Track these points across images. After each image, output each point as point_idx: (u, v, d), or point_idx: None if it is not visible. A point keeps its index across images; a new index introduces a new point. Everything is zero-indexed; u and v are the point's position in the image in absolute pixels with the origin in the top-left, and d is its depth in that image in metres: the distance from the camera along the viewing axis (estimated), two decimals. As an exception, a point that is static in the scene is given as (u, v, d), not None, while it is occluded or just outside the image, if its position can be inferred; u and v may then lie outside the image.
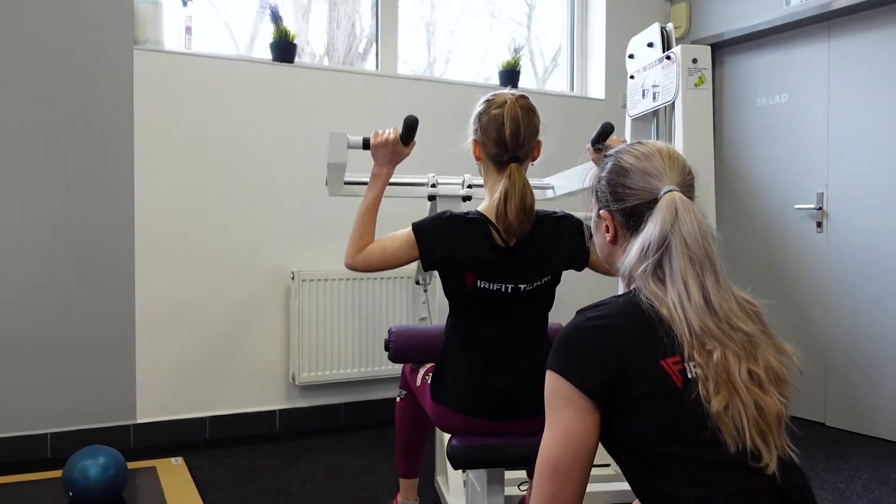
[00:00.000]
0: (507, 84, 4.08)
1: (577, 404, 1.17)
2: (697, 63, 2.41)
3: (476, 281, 1.85)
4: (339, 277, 3.50)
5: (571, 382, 1.17)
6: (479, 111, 1.92)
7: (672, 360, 1.16)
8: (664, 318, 1.18)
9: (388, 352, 2.26)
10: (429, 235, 1.89)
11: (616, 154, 1.37)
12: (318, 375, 3.46)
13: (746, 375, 1.15)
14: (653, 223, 1.25)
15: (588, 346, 1.20)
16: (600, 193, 1.37)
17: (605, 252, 1.42)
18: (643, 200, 1.29)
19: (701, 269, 1.21)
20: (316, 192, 3.52)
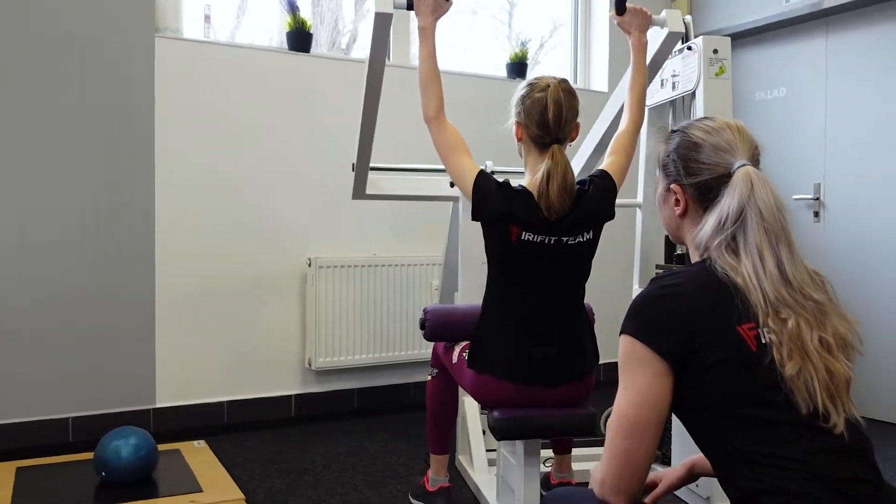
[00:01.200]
0: (516, 76, 4.16)
1: (653, 366, 1.23)
2: (718, 53, 2.51)
3: (521, 233, 1.92)
4: (355, 265, 3.55)
5: (647, 345, 1.23)
6: (522, 94, 1.99)
7: (748, 326, 1.22)
8: (739, 286, 1.24)
9: (424, 331, 2.33)
10: (485, 187, 1.96)
11: (684, 129, 1.42)
12: (333, 361, 3.51)
13: (818, 342, 1.21)
14: (730, 196, 1.29)
15: (662, 311, 1.25)
16: (670, 168, 1.42)
17: (672, 225, 1.46)
18: (716, 175, 1.34)
19: (776, 240, 1.27)
20: (332, 179, 3.59)
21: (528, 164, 2.03)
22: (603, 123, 2.76)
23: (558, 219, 1.94)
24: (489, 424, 2.02)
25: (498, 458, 2.35)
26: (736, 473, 1.22)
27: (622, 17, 2.27)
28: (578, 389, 2.06)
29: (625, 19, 2.27)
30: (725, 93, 2.52)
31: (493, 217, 1.95)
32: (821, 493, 1.14)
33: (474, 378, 2.05)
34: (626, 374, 1.27)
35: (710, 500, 2.44)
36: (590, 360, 2.08)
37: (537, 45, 4.55)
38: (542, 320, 1.99)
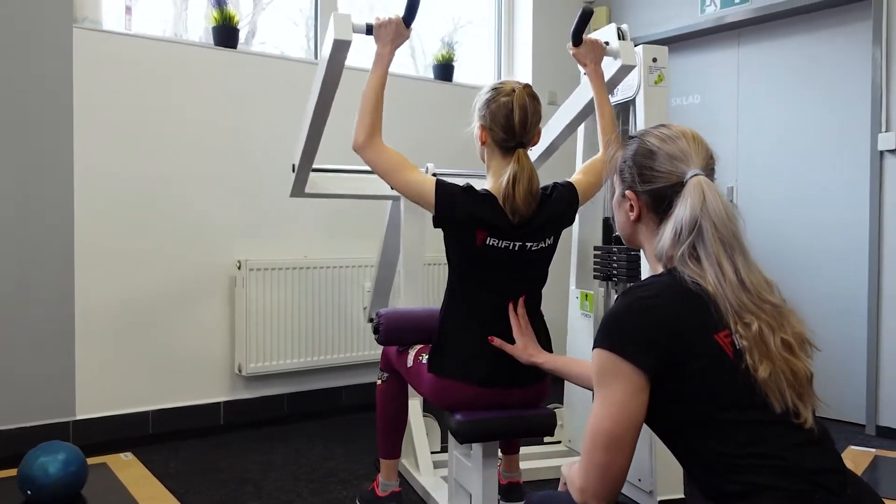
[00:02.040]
0: (442, 78, 4.18)
1: (631, 380, 1.24)
2: (657, 62, 2.60)
3: (487, 238, 1.93)
4: (287, 267, 3.47)
5: (627, 359, 1.23)
6: (487, 98, 2.00)
7: (723, 333, 1.26)
8: (711, 294, 1.28)
9: (377, 335, 2.30)
10: (449, 193, 1.96)
11: (641, 136, 1.44)
12: (263, 366, 3.42)
13: (780, 343, 1.27)
14: (682, 206, 1.31)
15: (641, 324, 1.26)
16: (625, 174, 1.44)
17: (627, 230, 1.49)
18: (669, 183, 1.35)
19: (731, 248, 1.30)
20: (263, 178, 3.49)
21: (491, 168, 2.04)
22: (550, 133, 2.80)
23: (522, 222, 1.96)
24: (451, 428, 2.02)
25: (450, 460, 2.35)
26: (714, 474, 1.26)
27: (577, 48, 2.30)
28: (537, 391, 2.09)
29: (580, 51, 2.30)
30: (664, 101, 2.61)
31: (460, 221, 1.95)
32: (798, 486, 1.20)
33: (435, 382, 2.05)
34: (604, 388, 1.27)
35: (653, 494, 2.53)
36: None
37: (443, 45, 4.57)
38: (503, 323, 2.01)
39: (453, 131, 4.17)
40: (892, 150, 3.38)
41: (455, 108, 4.13)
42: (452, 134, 4.18)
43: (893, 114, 3.39)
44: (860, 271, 3.55)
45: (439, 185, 1.98)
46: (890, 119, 3.40)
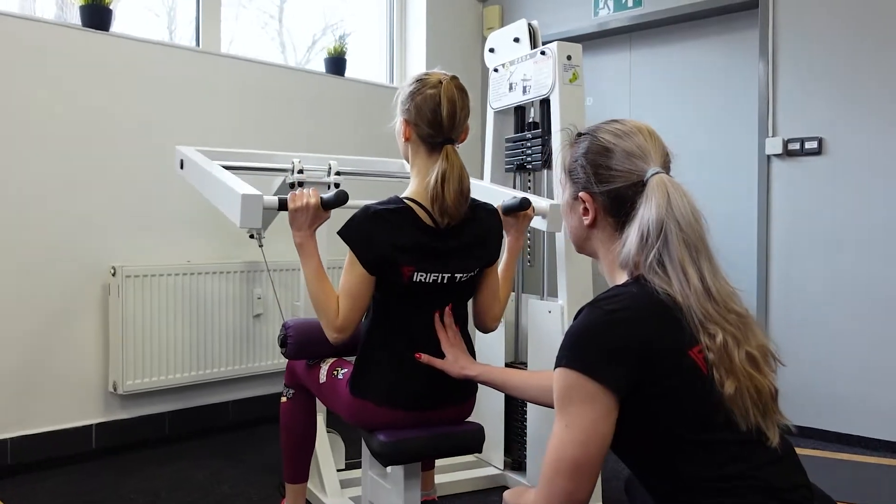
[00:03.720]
0: (335, 72, 3.97)
1: (601, 402, 1.14)
2: (571, 60, 2.53)
3: (413, 274, 1.78)
4: (166, 273, 3.16)
5: (596, 379, 1.14)
6: (411, 90, 1.84)
7: (697, 348, 1.18)
8: (681, 305, 1.18)
9: (285, 348, 2.09)
10: (360, 240, 1.77)
11: (593, 132, 1.33)
12: (142, 383, 3.09)
13: (744, 357, 1.19)
14: (647, 207, 1.22)
15: (613, 340, 1.16)
16: (578, 174, 1.33)
17: (579, 235, 1.38)
18: (629, 182, 1.26)
19: (696, 252, 1.21)
20: (139, 174, 3.17)
21: (415, 167, 1.88)
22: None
23: (452, 226, 1.82)
24: (373, 449, 1.85)
25: (364, 481, 2.17)
26: (693, 499, 1.18)
27: (506, 217, 2.14)
28: (463, 409, 1.96)
29: (508, 220, 2.15)
30: (579, 99, 2.55)
31: (382, 258, 1.77)
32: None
33: (355, 403, 1.87)
34: (568, 410, 1.16)
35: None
36: None
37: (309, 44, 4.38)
38: (433, 340, 1.86)
39: (346, 127, 4.00)
40: (779, 154, 3.50)
41: (348, 104, 3.96)
42: (345, 130, 4.01)
43: (780, 120, 3.51)
44: (749, 270, 3.67)
45: (347, 241, 1.78)
46: (777, 125, 3.52)
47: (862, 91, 3.29)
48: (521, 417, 2.68)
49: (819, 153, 3.41)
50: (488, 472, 2.74)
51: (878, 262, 3.24)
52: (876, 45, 3.25)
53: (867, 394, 3.26)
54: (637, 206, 1.25)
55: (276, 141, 3.53)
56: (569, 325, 2.43)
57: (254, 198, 1.91)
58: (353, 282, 1.78)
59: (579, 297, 2.47)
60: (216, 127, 3.41)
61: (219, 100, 3.43)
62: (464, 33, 4.61)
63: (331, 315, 1.80)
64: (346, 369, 1.98)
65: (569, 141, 1.39)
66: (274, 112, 3.59)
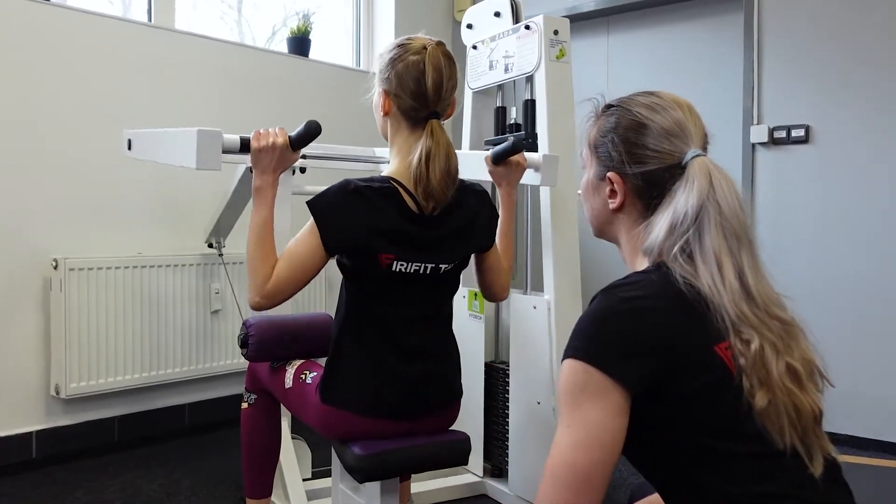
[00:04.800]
0: (298, 53, 3.74)
1: (610, 399, 0.99)
2: (558, 35, 2.35)
3: (392, 263, 1.58)
4: (114, 265, 2.90)
5: (607, 373, 0.99)
6: (391, 56, 1.63)
7: (724, 344, 1.03)
8: (707, 297, 1.04)
9: (246, 349, 1.87)
10: (331, 215, 1.57)
11: (625, 105, 1.18)
12: (88, 386, 2.83)
13: (784, 370, 1.04)
14: (686, 193, 1.08)
15: (631, 329, 1.02)
16: (607, 152, 1.17)
17: (602, 218, 1.23)
18: (665, 164, 1.12)
19: (737, 245, 1.07)
20: (84, 156, 2.90)
21: (395, 144, 1.67)
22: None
23: (438, 212, 1.62)
24: (348, 464, 1.64)
25: (334, 494, 1.97)
26: None
27: (496, 167, 1.97)
28: (448, 417, 1.77)
29: (498, 170, 1.98)
30: (566, 78, 2.37)
31: (357, 243, 1.56)
32: None
33: (326, 413, 1.66)
34: (573, 408, 1.00)
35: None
36: (459, 381, 1.80)
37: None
38: (411, 333, 1.66)
39: (310, 111, 3.76)
40: (764, 142, 3.37)
41: (312, 87, 3.72)
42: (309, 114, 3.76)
43: (765, 107, 3.38)
44: (731, 264, 3.53)
45: (315, 213, 1.56)
46: (762, 112, 3.39)
47: (852, 76, 3.16)
48: (503, 421, 2.50)
49: (806, 141, 3.29)
50: (467, 480, 2.55)
51: (868, 256, 3.13)
52: (866, 28, 3.13)
53: (853, 391, 3.15)
54: (671, 191, 1.10)
55: (234, 124, 3.28)
56: (555, 322, 2.29)
57: (212, 134, 1.67)
58: (303, 252, 1.56)
59: (568, 292, 2.29)
60: (170, 108, 3.15)
61: (173, 79, 3.17)
62: (434, 13, 4.40)
63: (261, 277, 1.57)
64: (315, 373, 1.77)
65: (595, 113, 1.23)
66: (232, 94, 3.34)
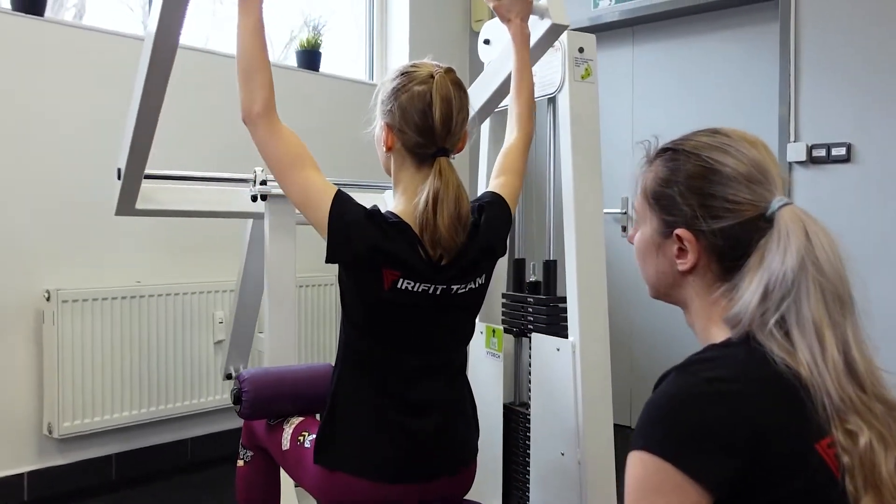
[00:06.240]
0: (308, 67, 3.57)
1: (688, 498, 0.82)
2: (584, 53, 2.16)
3: (398, 280, 1.40)
4: (112, 296, 2.75)
5: (685, 470, 0.82)
6: (395, 86, 1.45)
7: (826, 441, 0.85)
8: (806, 379, 0.87)
9: (240, 405, 1.69)
10: (350, 216, 1.40)
11: (687, 148, 1.00)
12: (82, 424, 2.68)
13: (893, 468, 0.86)
14: (781, 251, 0.90)
15: (715, 418, 0.84)
16: (673, 205, 0.99)
17: (666, 281, 1.03)
18: (747, 217, 0.94)
19: (841, 313, 0.90)
20: (79, 183, 2.75)
21: (400, 183, 1.49)
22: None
23: (449, 260, 1.44)
24: (349, 543, 1.46)
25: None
26: None
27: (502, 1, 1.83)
28: (461, 481, 1.58)
29: (503, 3, 1.83)
30: (593, 100, 2.18)
31: (360, 258, 1.40)
32: None
33: (324, 477, 1.49)
34: None
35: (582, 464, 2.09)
36: (475, 439, 1.62)
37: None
38: (418, 385, 1.48)
39: (320, 127, 3.59)
40: (802, 161, 3.15)
41: (322, 102, 3.55)
42: (318, 130, 3.60)
43: (803, 124, 3.17)
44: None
45: (338, 200, 1.41)
46: (799, 129, 3.17)
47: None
48: (523, 469, 2.31)
49: (847, 160, 3.06)
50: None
51: (916, 283, 2.91)
52: (914, 40, 2.91)
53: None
54: (758, 248, 0.93)
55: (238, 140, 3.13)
56: (581, 367, 2.10)
57: None
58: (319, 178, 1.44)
59: (595, 335, 2.10)
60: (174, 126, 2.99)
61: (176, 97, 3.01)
62: (450, 25, 4.22)
63: (257, 87, 1.44)
64: (314, 435, 1.59)
65: (647, 157, 1.05)
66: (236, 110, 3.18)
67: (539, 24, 1.89)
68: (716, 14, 3.54)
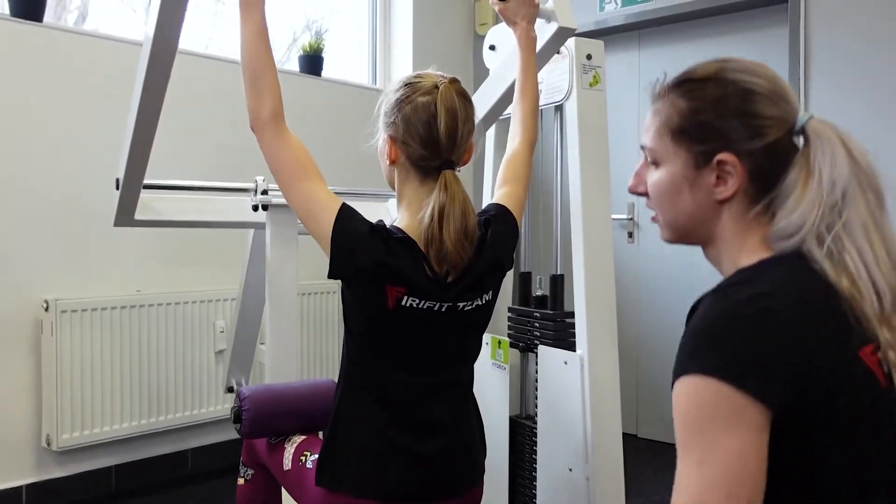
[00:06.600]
0: (310, 72, 3.53)
1: (750, 423, 0.79)
2: (592, 60, 2.12)
3: (403, 297, 1.36)
4: (109, 305, 2.71)
5: (745, 389, 0.79)
6: (398, 97, 1.41)
7: (869, 349, 0.86)
8: (846, 290, 0.87)
9: (240, 424, 1.65)
10: (354, 231, 1.36)
11: (718, 74, 0.99)
12: (82, 436, 2.64)
13: None
14: (828, 159, 0.91)
15: (762, 335, 0.82)
16: (711, 131, 0.96)
17: (699, 216, 1.00)
18: (784, 132, 0.95)
19: (879, 207, 0.92)
20: (78, 191, 2.71)
21: (404, 197, 1.45)
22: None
23: (455, 276, 1.39)
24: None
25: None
26: None
27: (506, 3, 1.79)
28: (468, 502, 1.53)
29: (509, 6, 1.80)
30: (601, 108, 2.13)
31: (365, 274, 1.35)
32: None
33: (325, 498, 1.44)
34: (703, 439, 0.80)
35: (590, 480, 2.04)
36: (482, 459, 1.57)
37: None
38: (424, 406, 1.44)
39: (322, 134, 3.56)
40: (812, 167, 3.10)
41: (325, 108, 3.51)
42: (321, 136, 3.56)
43: (813, 128, 3.12)
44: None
45: (343, 214, 1.37)
46: (809, 134, 3.12)
47: (911, 97, 2.89)
48: (530, 485, 2.26)
49: (859, 167, 3.01)
50: (490, 548, 2.32)
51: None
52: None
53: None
54: (794, 162, 0.94)
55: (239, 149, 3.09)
56: (590, 382, 2.05)
57: None
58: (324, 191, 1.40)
59: (604, 348, 2.05)
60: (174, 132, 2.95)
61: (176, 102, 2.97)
62: (454, 28, 4.18)
63: (265, 91, 1.40)
64: (316, 455, 1.55)
65: (661, 92, 1.03)
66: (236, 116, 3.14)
67: (545, 27, 1.85)
68: (724, 17, 3.49)
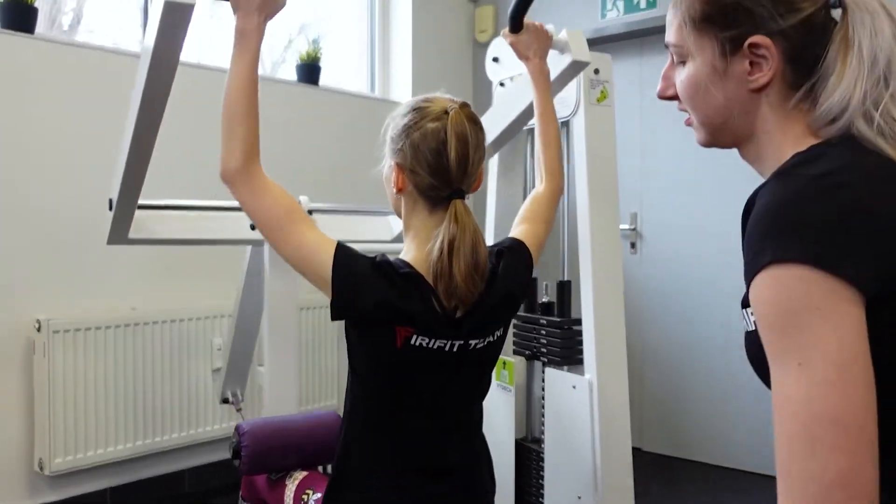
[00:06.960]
0: (308, 81, 3.46)
1: (848, 311, 0.70)
2: (600, 74, 2.06)
3: (412, 336, 1.28)
4: (104, 325, 2.64)
5: (837, 273, 0.71)
6: (406, 122, 1.34)
7: None
8: None
9: (239, 461, 1.59)
10: (356, 270, 1.29)
11: None
12: (75, 460, 2.57)
13: None
14: (868, 30, 0.85)
15: (842, 211, 0.74)
16: (738, 13, 0.90)
17: (733, 110, 0.94)
18: (819, 5, 0.87)
19: None
20: (71, 208, 2.65)
21: (411, 228, 1.38)
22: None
23: (464, 311, 1.33)
24: None
25: None
26: None
27: (517, 36, 1.72)
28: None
29: (521, 39, 1.73)
30: (609, 124, 2.07)
31: (368, 315, 1.28)
32: None
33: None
34: (796, 337, 0.71)
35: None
36: (491, 499, 1.51)
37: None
38: (435, 449, 1.38)
39: (320, 144, 3.50)
40: (820, 178, 3.05)
41: (323, 118, 3.45)
42: (319, 147, 3.50)
43: (820, 138, 3.07)
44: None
45: (341, 254, 1.29)
46: (816, 144, 3.07)
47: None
48: (537, 498, 2.20)
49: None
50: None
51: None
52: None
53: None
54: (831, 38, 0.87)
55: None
56: (599, 408, 1.99)
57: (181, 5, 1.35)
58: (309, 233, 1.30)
59: (613, 371, 1.99)
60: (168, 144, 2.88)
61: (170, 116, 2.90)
62: (453, 36, 4.12)
63: (238, 140, 1.32)
64: (319, 494, 1.49)
65: None
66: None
67: (558, 59, 1.79)
68: (728, 25, 3.44)
